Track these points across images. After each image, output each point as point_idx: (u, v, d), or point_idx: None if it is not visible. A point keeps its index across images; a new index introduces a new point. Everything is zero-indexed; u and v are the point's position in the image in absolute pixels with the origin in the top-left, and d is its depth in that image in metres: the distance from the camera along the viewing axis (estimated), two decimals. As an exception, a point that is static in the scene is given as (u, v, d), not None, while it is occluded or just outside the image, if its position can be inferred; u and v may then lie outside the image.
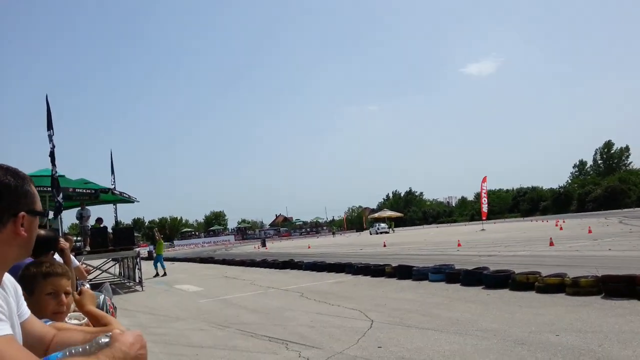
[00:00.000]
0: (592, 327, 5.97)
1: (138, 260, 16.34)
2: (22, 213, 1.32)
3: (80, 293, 2.10)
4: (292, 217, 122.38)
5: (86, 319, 2.08)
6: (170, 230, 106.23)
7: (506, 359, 5.07)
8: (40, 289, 1.91)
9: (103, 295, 2.46)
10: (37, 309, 1.75)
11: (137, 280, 16.10)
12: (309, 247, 35.24)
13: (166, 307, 11.21)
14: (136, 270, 16.34)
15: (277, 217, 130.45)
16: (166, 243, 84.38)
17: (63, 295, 1.97)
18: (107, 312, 2.38)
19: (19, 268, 1.93)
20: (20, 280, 1.83)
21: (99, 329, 1.57)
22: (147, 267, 26.54)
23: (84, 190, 16.13)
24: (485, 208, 43.68)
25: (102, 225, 17.79)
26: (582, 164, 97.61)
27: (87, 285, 2.70)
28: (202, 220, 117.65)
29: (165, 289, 15.23)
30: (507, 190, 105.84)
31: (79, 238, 18.06)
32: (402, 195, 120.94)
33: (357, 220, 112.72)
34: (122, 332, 1.35)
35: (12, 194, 1.32)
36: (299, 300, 10.34)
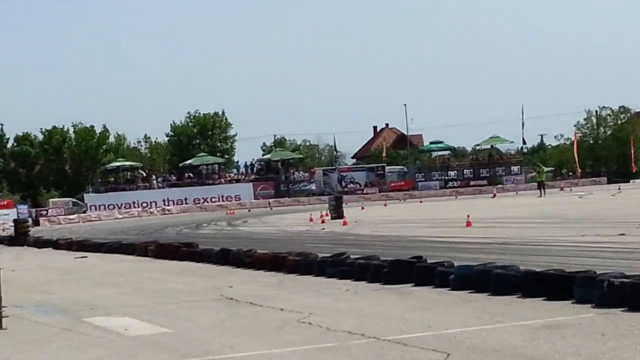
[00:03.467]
0: None
1: None
2: None
3: None
4: (421, 137, 77.61)
5: None
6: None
7: None
8: None
9: None
10: None
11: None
12: (468, 225, 22.06)
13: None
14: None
15: (379, 132, 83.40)
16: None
17: None
18: None
19: None
20: None
21: None
22: (16, 263, 19.15)
23: None
24: None
25: None
26: None
27: None
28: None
29: (64, 325, 9.68)
30: None
31: None
32: None
33: (616, 147, 63.95)
34: None
35: None
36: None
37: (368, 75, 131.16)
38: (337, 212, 30.74)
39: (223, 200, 53.81)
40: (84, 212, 51.61)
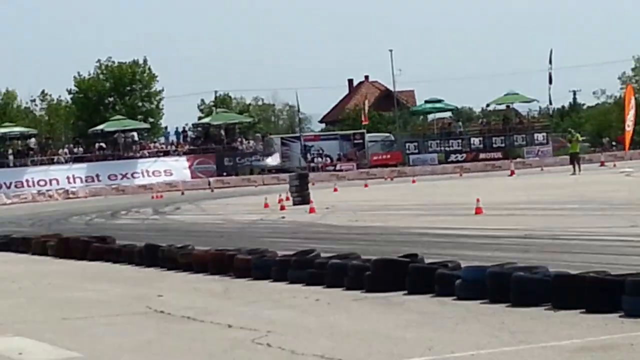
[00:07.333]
0: None
1: None
2: None
3: None
4: (412, 93, 63.68)
5: None
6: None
7: None
8: None
9: None
10: None
11: None
12: (478, 212, 19.96)
13: None
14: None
15: (355, 88, 67.21)
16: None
17: None
18: None
19: None
20: None
21: None
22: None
23: None
24: None
25: None
26: None
27: None
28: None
29: None
30: None
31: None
32: None
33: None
34: None
35: None
36: None
37: (341, 12, 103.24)
38: (301, 196, 26.84)
39: (147, 178, 44.61)
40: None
